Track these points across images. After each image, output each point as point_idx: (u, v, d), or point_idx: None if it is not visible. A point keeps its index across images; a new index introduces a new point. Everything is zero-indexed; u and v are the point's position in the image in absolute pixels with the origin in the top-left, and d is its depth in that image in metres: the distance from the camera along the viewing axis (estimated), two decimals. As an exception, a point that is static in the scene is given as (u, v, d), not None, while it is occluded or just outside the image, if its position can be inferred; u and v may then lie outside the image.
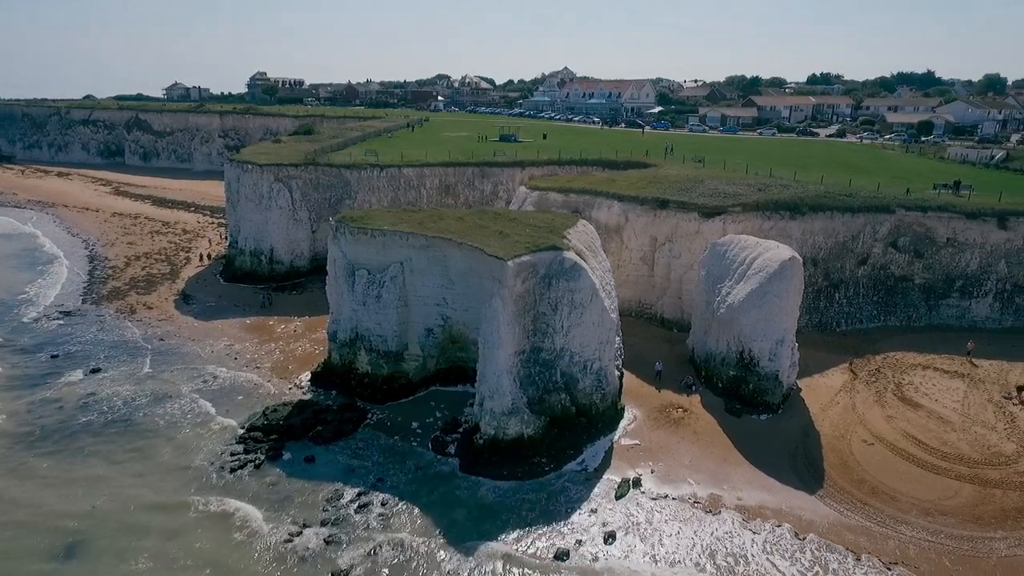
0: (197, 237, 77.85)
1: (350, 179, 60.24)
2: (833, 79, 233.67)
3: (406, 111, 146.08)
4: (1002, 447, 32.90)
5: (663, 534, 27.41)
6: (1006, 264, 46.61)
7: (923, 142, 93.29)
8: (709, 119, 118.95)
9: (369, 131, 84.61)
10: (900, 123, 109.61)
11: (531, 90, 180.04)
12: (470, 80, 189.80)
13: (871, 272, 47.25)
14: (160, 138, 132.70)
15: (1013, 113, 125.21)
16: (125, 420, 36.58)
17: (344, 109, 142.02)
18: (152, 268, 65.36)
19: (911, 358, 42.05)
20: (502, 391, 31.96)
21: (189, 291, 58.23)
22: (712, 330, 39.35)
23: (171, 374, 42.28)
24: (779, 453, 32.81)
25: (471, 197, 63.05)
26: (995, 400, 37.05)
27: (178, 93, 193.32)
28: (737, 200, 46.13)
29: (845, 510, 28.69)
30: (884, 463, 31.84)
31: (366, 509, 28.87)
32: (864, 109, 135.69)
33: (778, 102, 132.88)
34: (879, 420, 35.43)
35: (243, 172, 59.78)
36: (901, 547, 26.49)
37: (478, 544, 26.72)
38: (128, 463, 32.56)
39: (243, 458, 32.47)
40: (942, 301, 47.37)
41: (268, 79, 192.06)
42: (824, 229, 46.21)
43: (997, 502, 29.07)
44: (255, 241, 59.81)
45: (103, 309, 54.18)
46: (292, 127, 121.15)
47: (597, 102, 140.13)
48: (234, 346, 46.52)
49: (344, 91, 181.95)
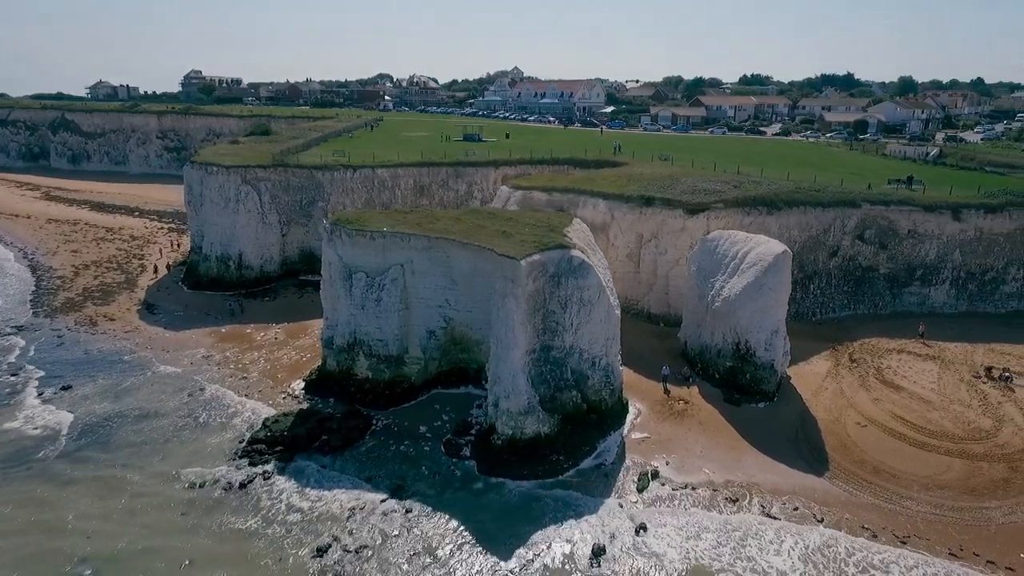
0: (148, 243, 73.85)
1: (322, 180, 58.55)
2: (764, 80, 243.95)
3: (354, 111, 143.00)
4: (980, 423, 35.35)
5: (692, 522, 28.06)
6: (960, 253, 50.09)
7: (862, 140, 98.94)
8: (661, 118, 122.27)
9: (329, 131, 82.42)
10: (838, 122, 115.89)
11: (479, 90, 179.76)
12: (418, 79, 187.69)
13: (841, 263, 49.78)
14: (90, 139, 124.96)
15: (933, 113, 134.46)
16: (109, 441, 34.28)
17: (291, 109, 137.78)
18: (105, 277, 61.57)
19: (885, 343, 44.59)
20: (518, 391, 31.90)
21: (151, 300, 55.22)
22: (706, 323, 40.49)
23: (151, 389, 39.98)
24: (782, 439, 34.14)
25: (446, 197, 62.48)
26: (966, 379, 39.78)
27: (104, 92, 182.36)
28: (719, 197, 47.64)
29: (853, 490, 30.17)
30: (879, 443, 33.65)
31: (391, 517, 28.22)
32: (801, 109, 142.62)
33: (724, 102, 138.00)
34: (867, 403, 37.40)
35: (207, 174, 57.12)
36: (910, 521, 28.09)
37: (513, 547, 26.57)
38: (123, 486, 30.57)
39: (251, 472, 31.12)
40: (905, 289, 50.42)
41: (204, 78, 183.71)
42: (799, 223, 48.34)
43: (986, 474, 31.24)
44: (222, 246, 57.27)
45: (59, 322, 50.66)
46: (237, 127, 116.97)
47: (549, 102, 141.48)
48: (214, 356, 44.45)
49: (287, 90, 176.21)
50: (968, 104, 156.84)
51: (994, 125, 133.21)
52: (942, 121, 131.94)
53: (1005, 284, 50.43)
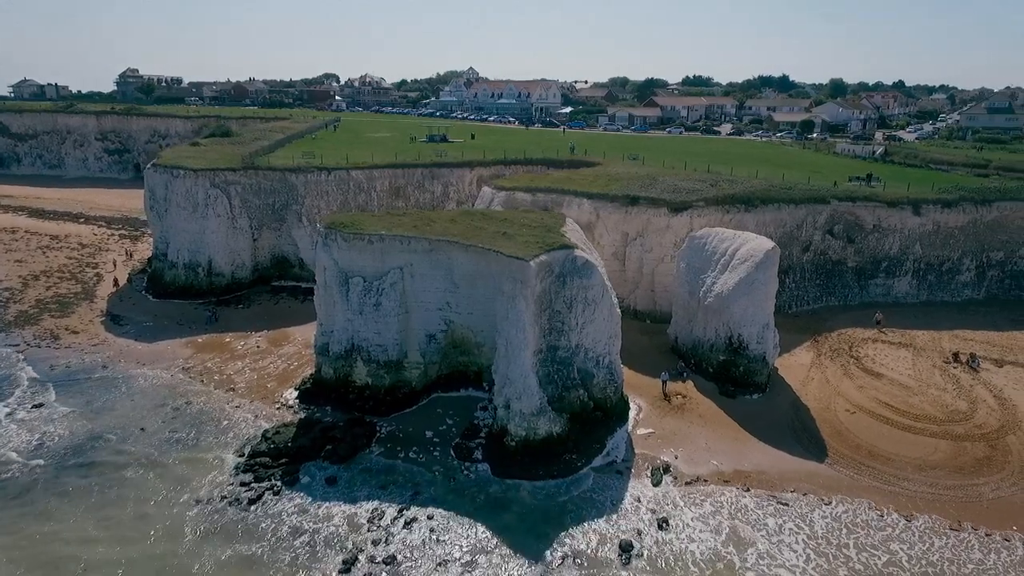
0: (100, 251, 69.94)
1: (296, 183, 56.86)
2: (706, 81, 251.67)
3: (305, 111, 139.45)
4: (957, 405, 37.59)
5: (711, 513, 28.73)
6: (920, 246, 53.10)
7: (811, 139, 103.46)
8: (618, 119, 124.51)
9: (292, 132, 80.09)
10: (785, 121, 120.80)
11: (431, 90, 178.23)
12: (370, 79, 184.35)
13: (813, 258, 51.96)
14: (20, 141, 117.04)
15: (869, 113, 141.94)
16: (95, 462, 32.19)
17: (240, 109, 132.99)
18: (59, 288, 57.93)
19: (860, 333, 46.81)
20: (530, 392, 31.90)
21: (115, 311, 52.34)
22: (698, 319, 41.51)
23: (131, 404, 37.92)
24: (780, 428, 35.38)
25: (421, 199, 61.76)
26: (939, 365, 42.22)
27: (29, 91, 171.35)
28: (699, 196, 48.93)
29: (854, 474, 31.59)
30: (870, 428, 35.32)
31: (414, 525, 27.74)
32: (748, 109, 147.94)
33: (676, 102, 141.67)
34: (852, 390, 39.18)
35: (173, 178, 54.59)
36: (911, 500, 29.62)
37: (542, 548, 26.56)
38: (118, 510, 28.82)
39: (257, 487, 29.95)
40: (871, 281, 53.06)
41: (141, 77, 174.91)
42: (774, 220, 50.14)
43: (969, 453, 33.25)
44: (190, 253, 54.86)
45: (15, 336, 47.38)
46: (185, 129, 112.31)
47: (507, 102, 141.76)
48: (194, 367, 42.56)
49: (232, 90, 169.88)
50: (898, 105, 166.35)
51: (922, 125, 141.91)
52: (877, 121, 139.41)
53: (960, 274, 53.78)
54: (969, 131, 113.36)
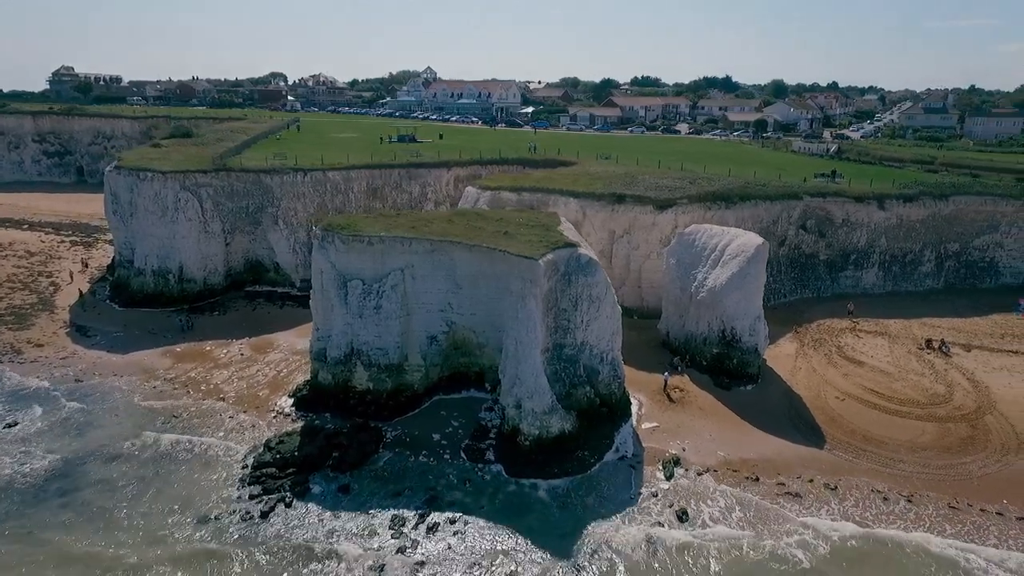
0: (52, 259, 66.00)
1: (271, 185, 55.07)
2: (655, 82, 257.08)
3: (258, 111, 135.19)
4: (936, 389, 39.62)
5: (727, 504, 29.39)
6: (886, 239, 55.71)
7: (767, 138, 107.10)
8: (580, 118, 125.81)
9: (256, 133, 77.46)
10: (740, 121, 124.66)
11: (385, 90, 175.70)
12: (324, 79, 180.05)
13: (788, 252, 53.80)
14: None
15: (815, 113, 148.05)
16: (85, 484, 30.32)
17: (189, 109, 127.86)
18: (12, 299, 54.39)
19: (837, 323, 48.74)
20: (541, 391, 31.91)
21: (80, 322, 49.53)
22: (690, 313, 42.38)
23: (115, 419, 35.99)
24: (777, 417, 36.51)
25: (399, 200, 60.83)
26: (914, 352, 44.39)
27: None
28: (681, 193, 49.95)
29: (852, 457, 32.90)
30: (860, 414, 36.85)
31: (437, 530, 27.34)
32: (701, 109, 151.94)
33: (635, 102, 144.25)
34: (839, 378, 40.78)
35: (140, 181, 52.03)
36: (908, 481, 31.07)
37: (568, 545, 26.62)
38: (123, 535, 27.30)
39: (268, 499, 28.91)
40: (841, 273, 55.34)
41: (77, 75, 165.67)
42: (752, 216, 51.64)
43: (954, 434, 35.11)
44: (159, 259, 52.41)
45: (-29, 352, 44.27)
46: (132, 129, 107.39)
47: (467, 102, 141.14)
48: (177, 378, 40.74)
49: (177, 89, 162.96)
50: (839, 106, 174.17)
51: (863, 124, 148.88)
52: (823, 121, 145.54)
53: (922, 265, 56.68)
54: (909, 130, 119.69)
